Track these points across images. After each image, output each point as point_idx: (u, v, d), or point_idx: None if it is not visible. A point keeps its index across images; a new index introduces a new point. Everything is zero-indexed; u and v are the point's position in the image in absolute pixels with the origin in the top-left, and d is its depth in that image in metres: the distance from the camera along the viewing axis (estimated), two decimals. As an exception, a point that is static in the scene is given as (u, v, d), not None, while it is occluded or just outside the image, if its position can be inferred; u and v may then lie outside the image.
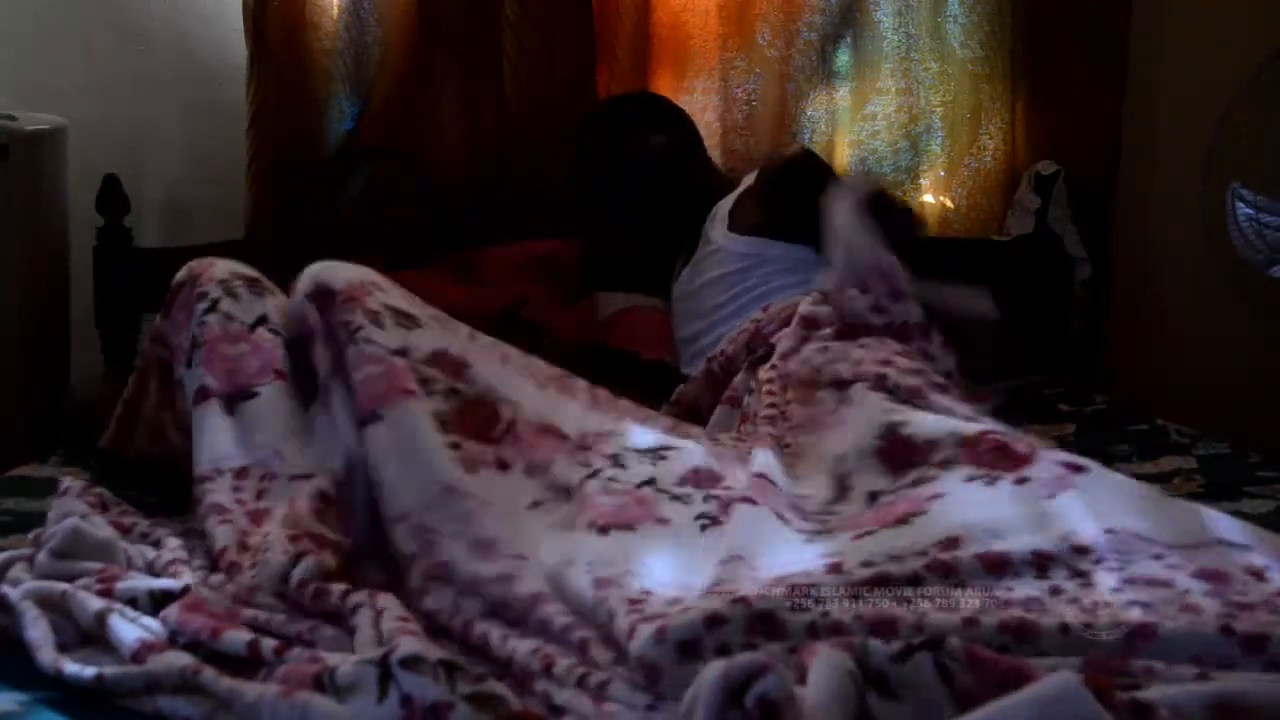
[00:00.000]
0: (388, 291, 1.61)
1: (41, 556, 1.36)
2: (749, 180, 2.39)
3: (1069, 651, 1.08)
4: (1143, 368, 2.71)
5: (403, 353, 1.51)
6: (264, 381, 1.57)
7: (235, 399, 1.56)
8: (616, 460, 1.54)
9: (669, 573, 1.31)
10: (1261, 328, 2.38)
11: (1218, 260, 2.39)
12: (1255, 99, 2.30)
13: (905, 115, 2.79)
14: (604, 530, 1.40)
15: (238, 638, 1.20)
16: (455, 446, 1.45)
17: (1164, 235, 2.70)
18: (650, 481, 1.50)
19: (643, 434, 1.63)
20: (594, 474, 1.50)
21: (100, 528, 1.43)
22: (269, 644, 1.19)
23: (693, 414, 1.95)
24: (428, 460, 1.42)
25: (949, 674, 0.95)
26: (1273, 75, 2.27)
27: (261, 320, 1.63)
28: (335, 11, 2.65)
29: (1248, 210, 2.35)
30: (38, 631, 1.23)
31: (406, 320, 1.57)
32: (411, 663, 1.02)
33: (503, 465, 1.49)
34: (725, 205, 2.38)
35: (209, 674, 1.12)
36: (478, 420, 1.51)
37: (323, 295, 1.57)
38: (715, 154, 2.75)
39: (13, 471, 1.91)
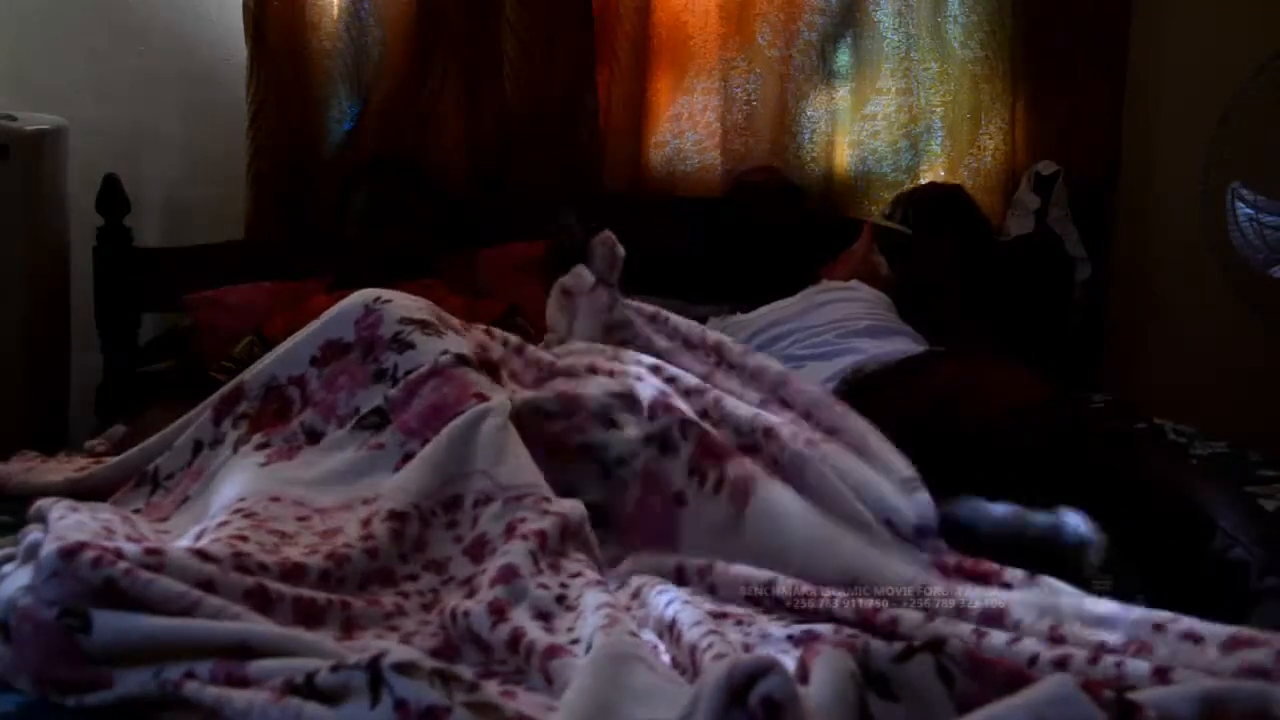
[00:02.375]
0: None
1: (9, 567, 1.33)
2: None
3: None
4: (1143, 367, 2.71)
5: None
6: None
7: None
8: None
9: None
10: (1261, 328, 2.38)
11: (1218, 260, 2.40)
12: (1255, 99, 2.30)
13: (905, 115, 2.79)
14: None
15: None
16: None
17: (1164, 235, 2.70)
18: None
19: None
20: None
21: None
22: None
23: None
24: None
25: (949, 676, 0.96)
26: (1273, 75, 2.28)
27: None
28: (335, 11, 2.65)
29: (1248, 210, 2.35)
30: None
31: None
32: (405, 669, 1.01)
33: None
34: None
35: (192, 686, 1.10)
36: None
37: None
38: (715, 154, 2.75)
39: (13, 472, 1.91)
